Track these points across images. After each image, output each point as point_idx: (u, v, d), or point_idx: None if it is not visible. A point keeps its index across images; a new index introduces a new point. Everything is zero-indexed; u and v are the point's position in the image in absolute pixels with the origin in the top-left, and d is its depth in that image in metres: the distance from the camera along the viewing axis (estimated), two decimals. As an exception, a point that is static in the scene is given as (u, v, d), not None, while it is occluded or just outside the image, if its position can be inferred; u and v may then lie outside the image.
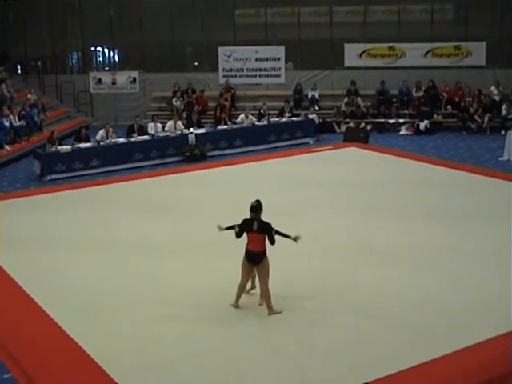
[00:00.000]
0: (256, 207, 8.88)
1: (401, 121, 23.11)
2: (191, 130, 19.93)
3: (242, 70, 25.48)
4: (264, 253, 8.86)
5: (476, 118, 22.50)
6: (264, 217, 8.94)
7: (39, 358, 8.03)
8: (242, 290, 9.14)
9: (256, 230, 8.80)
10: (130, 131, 19.88)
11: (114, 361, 7.87)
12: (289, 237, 8.86)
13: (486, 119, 22.26)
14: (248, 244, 8.92)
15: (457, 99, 23.36)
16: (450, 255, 11.00)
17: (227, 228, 9.15)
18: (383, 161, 18.05)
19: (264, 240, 8.85)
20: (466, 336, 8.28)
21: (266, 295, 8.95)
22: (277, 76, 25.42)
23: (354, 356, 7.95)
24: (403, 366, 7.61)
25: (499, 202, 13.59)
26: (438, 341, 8.22)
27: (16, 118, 21.00)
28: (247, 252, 8.91)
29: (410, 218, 12.89)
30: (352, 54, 24.78)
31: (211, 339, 8.42)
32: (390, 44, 24.52)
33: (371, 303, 9.30)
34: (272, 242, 8.81)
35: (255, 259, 8.86)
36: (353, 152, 19.29)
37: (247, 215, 8.95)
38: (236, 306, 9.10)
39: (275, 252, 8.93)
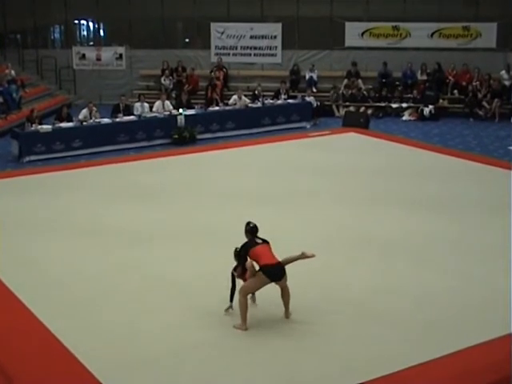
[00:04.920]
0: (256, 229, 8.54)
1: (404, 105, 23.13)
2: (180, 110, 19.88)
3: (236, 48, 25.42)
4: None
5: (484, 103, 22.52)
6: (256, 206, 8.85)
7: (17, 355, 7.95)
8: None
9: (262, 242, 8.47)
10: (115, 111, 19.82)
11: (95, 356, 7.83)
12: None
13: (494, 105, 22.28)
14: (263, 260, 8.31)
15: (464, 83, 23.39)
16: (452, 248, 11.01)
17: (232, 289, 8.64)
18: (384, 147, 18.06)
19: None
20: (469, 335, 8.28)
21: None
22: (273, 55, 25.38)
23: (349, 354, 7.95)
24: (401, 366, 7.60)
25: (507, 193, 13.61)
26: (438, 339, 8.22)
27: (-7, 94, 20.96)
28: (268, 269, 8.29)
29: (411, 208, 12.90)
30: (353, 33, 24.76)
31: (198, 333, 8.41)
32: (394, 23, 24.50)
33: (369, 298, 9.30)
34: None
35: (281, 271, 8.40)
36: (352, 137, 19.29)
37: (238, 203, 8.86)
38: (246, 328, 8.44)
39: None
